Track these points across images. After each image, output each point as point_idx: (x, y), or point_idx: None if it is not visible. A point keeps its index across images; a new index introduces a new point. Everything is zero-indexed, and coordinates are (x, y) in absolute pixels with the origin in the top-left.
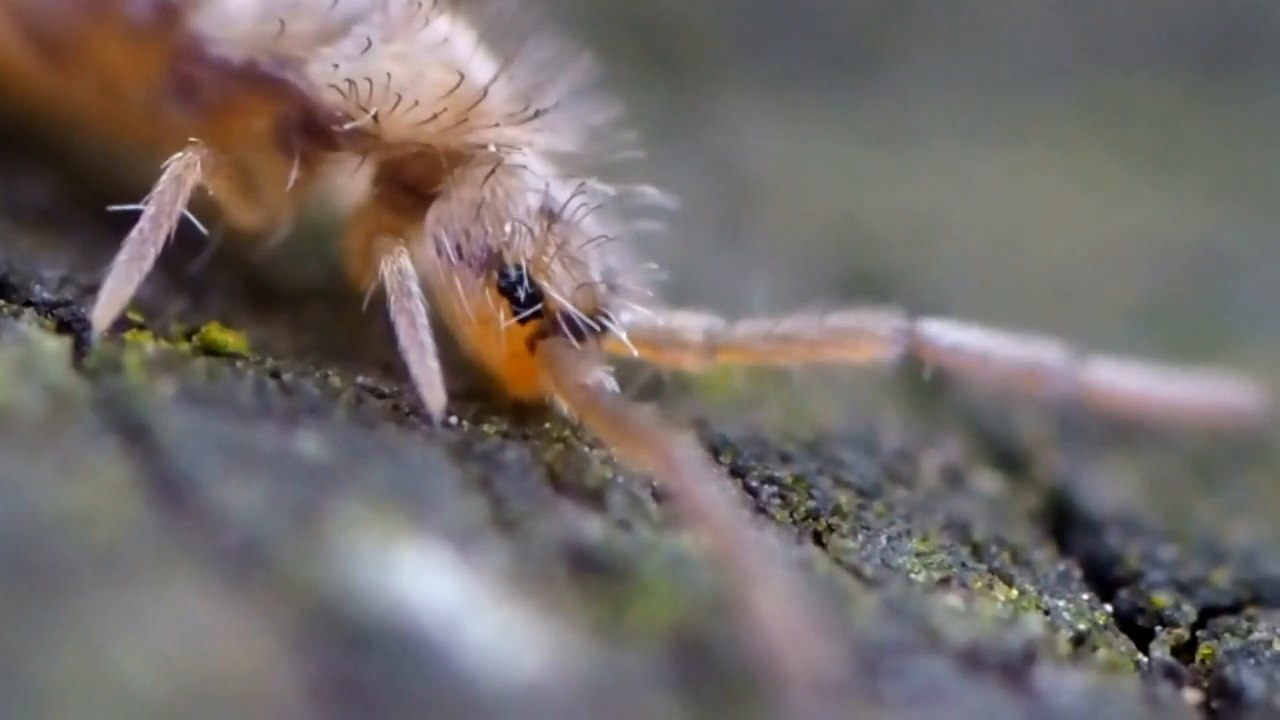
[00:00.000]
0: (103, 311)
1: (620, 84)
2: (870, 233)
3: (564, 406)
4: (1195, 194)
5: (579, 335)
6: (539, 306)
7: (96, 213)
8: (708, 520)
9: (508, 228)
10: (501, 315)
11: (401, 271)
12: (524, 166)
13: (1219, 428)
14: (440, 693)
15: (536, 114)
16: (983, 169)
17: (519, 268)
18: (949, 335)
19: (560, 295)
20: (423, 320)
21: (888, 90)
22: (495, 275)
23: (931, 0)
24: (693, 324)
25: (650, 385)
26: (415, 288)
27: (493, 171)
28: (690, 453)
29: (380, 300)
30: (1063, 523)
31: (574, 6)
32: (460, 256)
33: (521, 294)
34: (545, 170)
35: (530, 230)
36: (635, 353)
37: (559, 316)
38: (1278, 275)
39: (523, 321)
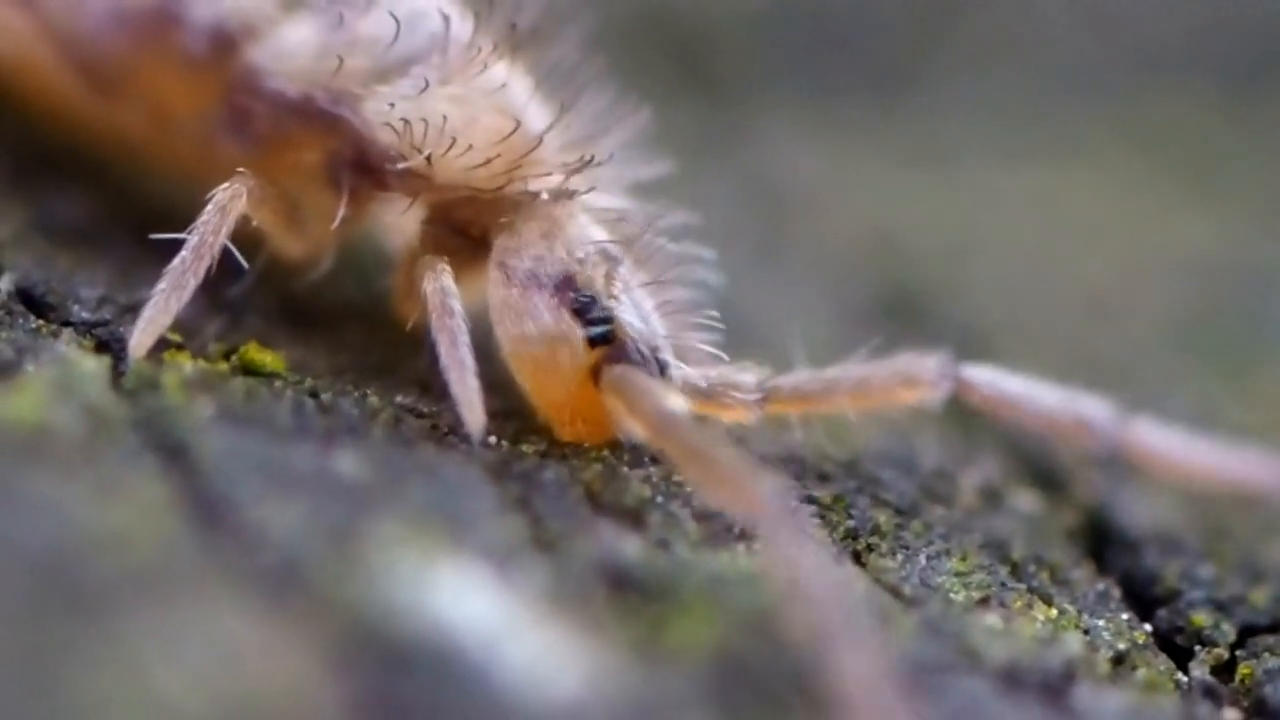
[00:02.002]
0: (139, 340)
1: (657, 101)
2: (906, 251)
3: (637, 435)
4: (1231, 212)
5: (647, 370)
6: (609, 329)
7: (135, 232)
8: (800, 576)
9: (580, 254)
10: (577, 333)
11: (444, 290)
12: (583, 212)
13: (1260, 498)
14: (479, 712)
15: (589, 164)
16: (1018, 187)
17: (593, 290)
18: (995, 381)
19: (633, 320)
20: (465, 339)
21: (923, 108)
22: (570, 296)
23: (967, 19)
24: (743, 376)
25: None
26: (458, 306)
27: (558, 211)
28: (781, 498)
29: (422, 325)
30: (1101, 542)
31: (611, 24)
32: (535, 277)
33: (595, 313)
34: (599, 218)
35: (599, 262)
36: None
37: (630, 343)
38: None
39: (593, 344)
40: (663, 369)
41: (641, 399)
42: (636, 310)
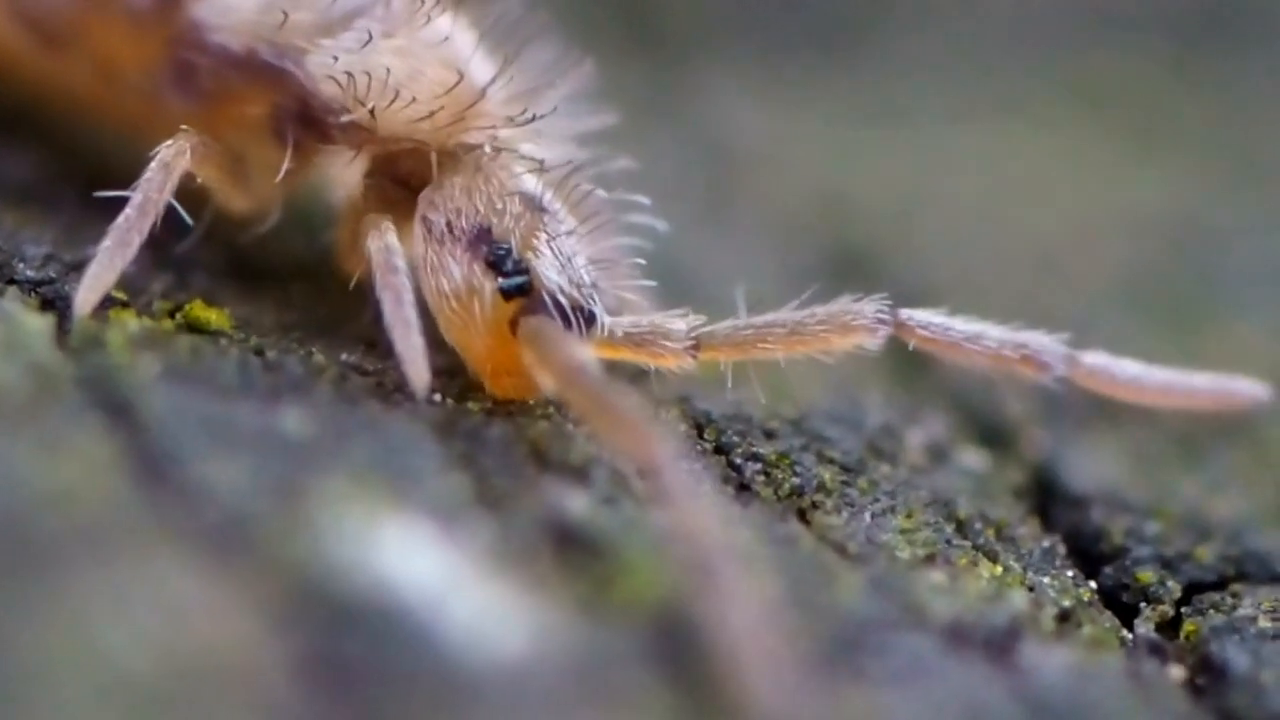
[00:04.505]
0: (84, 297)
1: (604, 59)
2: (854, 208)
3: (548, 386)
4: (1179, 169)
5: (565, 321)
6: (525, 280)
7: (81, 190)
8: (683, 522)
9: (499, 206)
10: (488, 286)
11: (388, 247)
12: (516, 162)
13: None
14: (423, 669)
15: (533, 118)
16: (967, 145)
17: (508, 244)
18: (934, 320)
19: (548, 272)
20: (408, 297)
21: (871, 66)
22: (484, 250)
23: None
24: (674, 323)
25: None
26: (401, 263)
27: (485, 162)
28: (674, 449)
29: (368, 281)
30: (1047, 499)
31: None
32: (450, 232)
33: (509, 265)
34: (533, 167)
35: (521, 213)
36: (618, 353)
37: (545, 295)
38: (1262, 250)
39: (507, 296)
40: (590, 319)
41: (549, 350)
42: (557, 260)
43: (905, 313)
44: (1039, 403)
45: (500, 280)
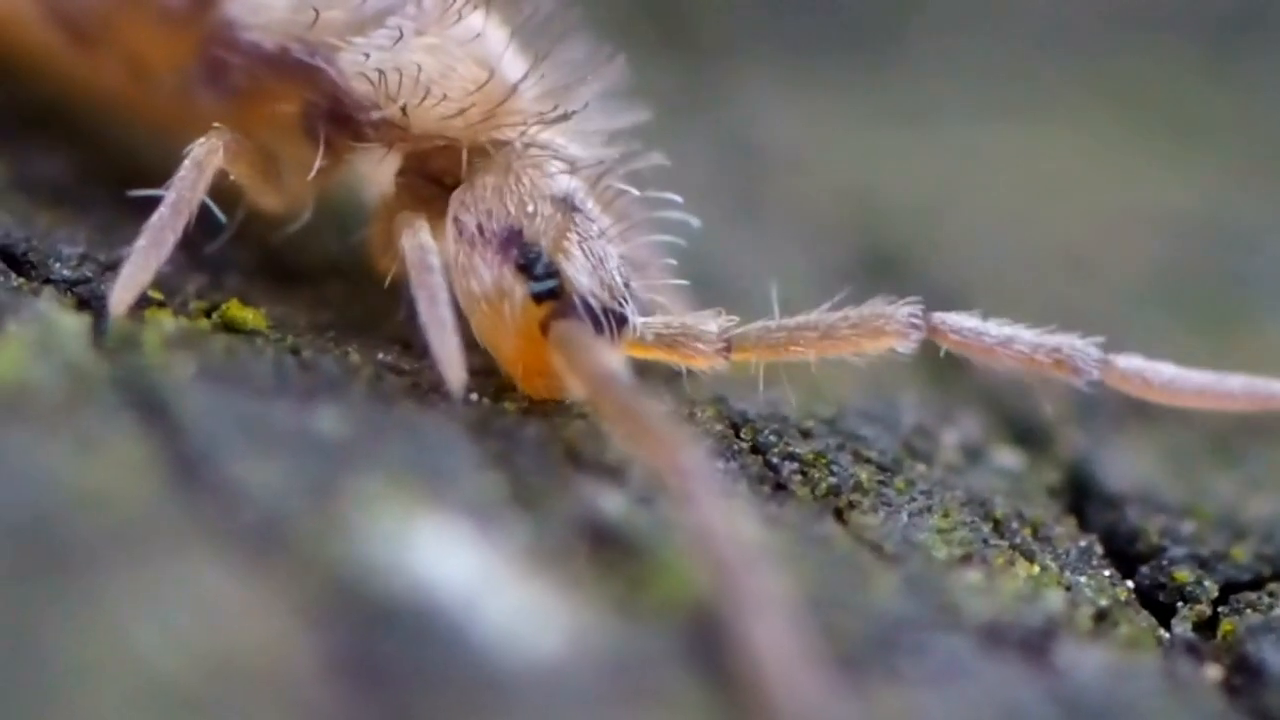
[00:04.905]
0: (119, 297)
1: (637, 59)
2: (885, 208)
3: (577, 391)
4: (1209, 169)
5: (595, 324)
6: (555, 284)
7: (115, 189)
8: (706, 529)
9: (530, 208)
10: (518, 289)
11: (422, 246)
12: (548, 160)
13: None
14: (458, 669)
15: (565, 115)
16: (996, 145)
17: (539, 247)
18: (967, 324)
19: (579, 275)
20: (444, 296)
21: (902, 66)
22: (515, 253)
23: None
24: (706, 324)
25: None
26: (436, 262)
27: (517, 161)
28: (700, 456)
29: (402, 279)
30: (1083, 498)
31: None
32: (481, 234)
33: (540, 269)
34: (568, 168)
35: (552, 215)
36: (650, 353)
37: (576, 299)
38: None
39: (538, 300)
40: (621, 321)
41: (577, 355)
42: (589, 263)
43: (938, 316)
44: (1074, 402)
45: (531, 284)
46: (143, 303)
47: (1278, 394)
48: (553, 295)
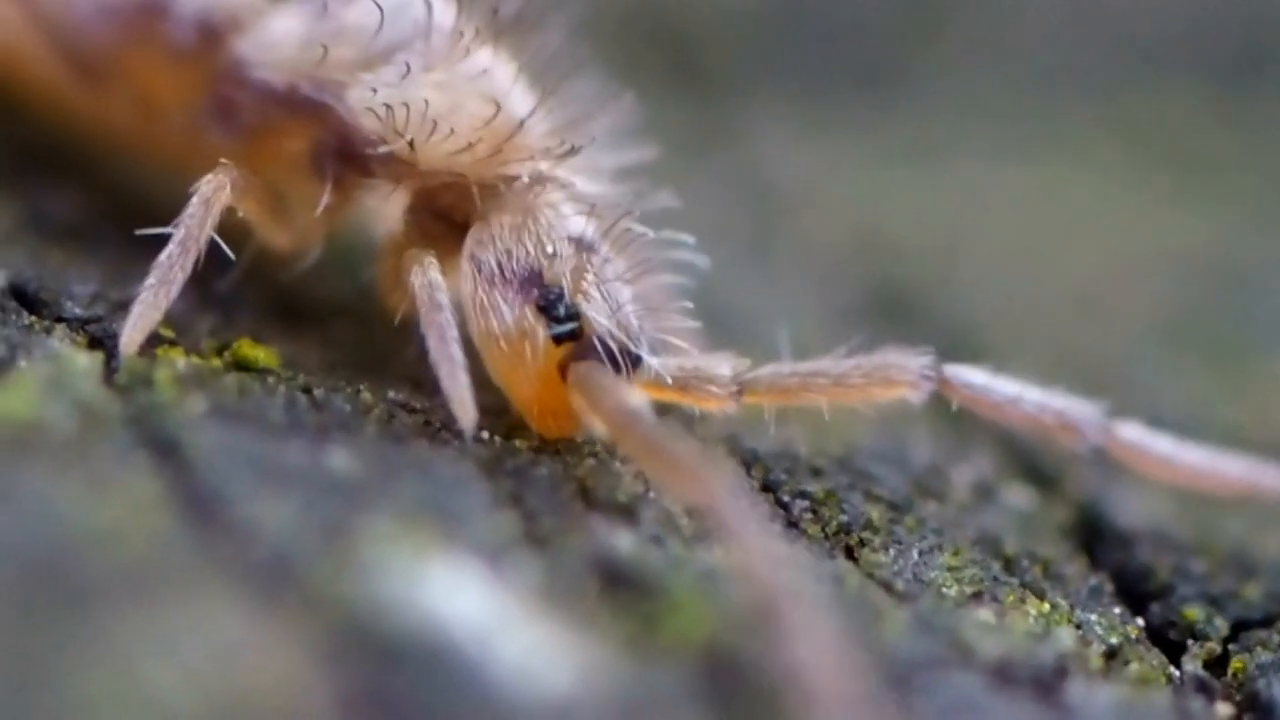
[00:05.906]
0: (130, 336)
1: (647, 97)
2: (895, 248)
3: (599, 430)
4: (1220, 209)
5: (613, 364)
6: (575, 326)
7: (126, 227)
8: (751, 562)
9: (549, 249)
10: (540, 330)
11: (431, 284)
12: (561, 199)
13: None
14: (471, 709)
15: (572, 150)
16: (1007, 184)
17: (560, 288)
18: (979, 382)
19: (599, 318)
20: (453, 334)
21: (913, 105)
22: (536, 294)
23: (956, 17)
24: (719, 367)
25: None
26: (445, 300)
27: (532, 199)
28: (736, 489)
29: (412, 317)
30: (1093, 537)
31: (601, 20)
32: (501, 273)
33: (561, 310)
34: (579, 205)
35: (571, 255)
36: (663, 395)
37: (596, 340)
38: None
39: (558, 341)
40: (636, 362)
41: (602, 397)
42: (607, 304)
43: (950, 370)
44: None
45: (553, 326)
46: (154, 341)
47: (1273, 482)
48: (572, 337)
